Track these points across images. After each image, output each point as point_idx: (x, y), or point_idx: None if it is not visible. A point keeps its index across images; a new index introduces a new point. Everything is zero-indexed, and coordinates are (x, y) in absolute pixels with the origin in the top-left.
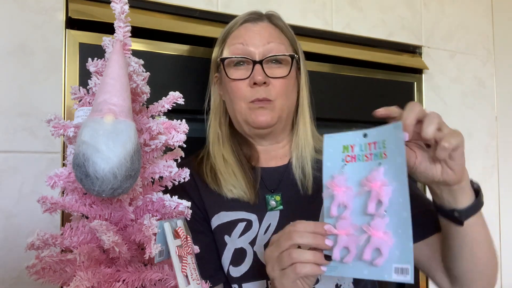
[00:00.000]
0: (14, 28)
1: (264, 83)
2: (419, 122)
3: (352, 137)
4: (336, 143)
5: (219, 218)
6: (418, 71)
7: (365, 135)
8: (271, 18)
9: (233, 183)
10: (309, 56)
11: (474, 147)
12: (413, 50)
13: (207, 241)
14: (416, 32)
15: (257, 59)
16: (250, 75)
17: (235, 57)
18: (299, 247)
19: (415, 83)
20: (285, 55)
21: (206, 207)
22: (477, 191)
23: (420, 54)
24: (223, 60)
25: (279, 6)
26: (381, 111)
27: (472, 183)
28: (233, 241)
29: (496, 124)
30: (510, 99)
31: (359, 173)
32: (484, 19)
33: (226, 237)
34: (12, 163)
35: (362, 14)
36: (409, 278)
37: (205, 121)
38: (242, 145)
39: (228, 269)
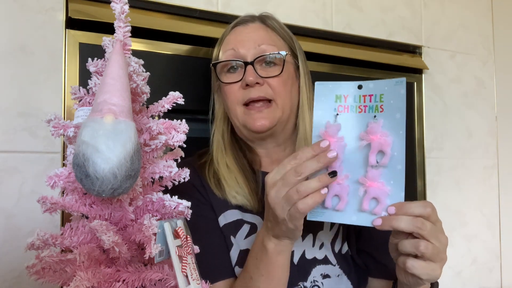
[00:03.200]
0: (14, 28)
1: (258, 83)
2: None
3: (346, 87)
4: (329, 92)
5: (225, 218)
6: (418, 71)
7: (359, 87)
8: (263, 19)
9: (236, 189)
10: (309, 56)
11: (474, 147)
12: (413, 50)
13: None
14: (416, 32)
15: (249, 60)
16: (242, 77)
17: (226, 60)
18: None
19: (415, 83)
20: (274, 53)
21: (214, 207)
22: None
23: (420, 54)
24: (214, 65)
25: (279, 6)
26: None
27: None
28: (238, 242)
29: (496, 124)
30: (510, 99)
31: (352, 124)
32: (484, 19)
33: (232, 238)
34: (12, 163)
35: (362, 14)
36: None
37: (210, 129)
38: (245, 150)
39: (234, 269)
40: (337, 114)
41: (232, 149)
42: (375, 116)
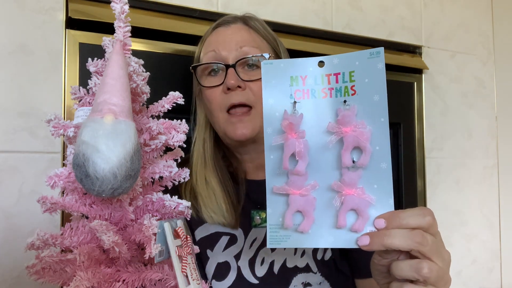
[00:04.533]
0: (14, 28)
1: (239, 87)
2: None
3: (303, 65)
4: (281, 73)
5: (202, 231)
6: (418, 71)
7: (321, 64)
8: (246, 20)
9: (213, 208)
10: (310, 56)
11: (474, 147)
12: (413, 50)
13: None
14: (416, 32)
15: (230, 63)
16: (223, 80)
17: (206, 63)
18: None
19: (415, 83)
20: (257, 56)
21: (189, 222)
22: None
23: (420, 54)
24: (194, 68)
25: (279, 6)
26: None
27: None
28: (216, 256)
29: (496, 124)
30: (510, 99)
31: (315, 114)
32: (484, 19)
33: (209, 251)
34: (12, 163)
35: (362, 14)
36: None
37: (191, 136)
38: (230, 157)
39: (210, 284)
40: (295, 102)
41: (213, 159)
42: (345, 101)
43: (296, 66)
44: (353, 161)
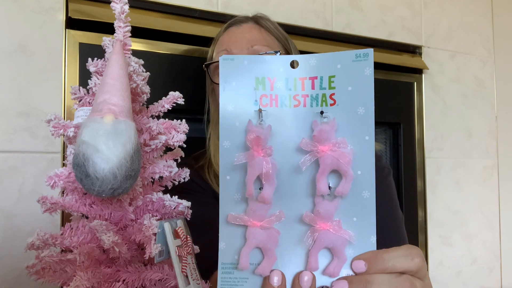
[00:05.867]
0: (14, 28)
1: None
2: None
3: (271, 64)
4: (244, 72)
5: None
6: (418, 71)
7: (294, 65)
8: (257, 20)
9: None
10: None
11: (474, 147)
12: (413, 50)
13: None
14: (416, 32)
15: None
16: None
17: (218, 61)
18: None
19: (415, 83)
20: (268, 53)
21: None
22: None
23: (420, 54)
24: (207, 66)
25: (279, 6)
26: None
27: None
28: None
29: (496, 124)
30: (510, 99)
31: (285, 127)
32: (484, 19)
33: None
34: (12, 163)
35: (362, 14)
36: None
37: (205, 132)
38: None
39: None
40: (260, 110)
41: None
42: (322, 113)
43: (263, 64)
44: (330, 187)
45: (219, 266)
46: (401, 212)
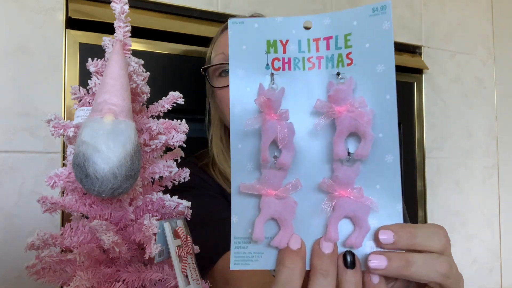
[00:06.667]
0: (14, 28)
1: None
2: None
3: (283, 27)
4: (254, 36)
5: None
6: (418, 71)
7: (307, 26)
8: None
9: None
10: None
11: (474, 147)
12: (413, 50)
13: None
14: (416, 32)
15: None
16: None
17: (215, 64)
18: None
19: (415, 83)
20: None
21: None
22: None
23: (420, 54)
24: (205, 69)
25: (279, 6)
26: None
27: None
28: None
29: (496, 124)
30: (510, 99)
31: (299, 90)
32: (484, 19)
33: None
34: (12, 163)
35: None
36: None
37: (207, 133)
38: None
39: None
40: (273, 74)
41: None
42: (338, 74)
43: (274, 27)
44: (349, 153)
45: (232, 241)
46: (404, 205)
